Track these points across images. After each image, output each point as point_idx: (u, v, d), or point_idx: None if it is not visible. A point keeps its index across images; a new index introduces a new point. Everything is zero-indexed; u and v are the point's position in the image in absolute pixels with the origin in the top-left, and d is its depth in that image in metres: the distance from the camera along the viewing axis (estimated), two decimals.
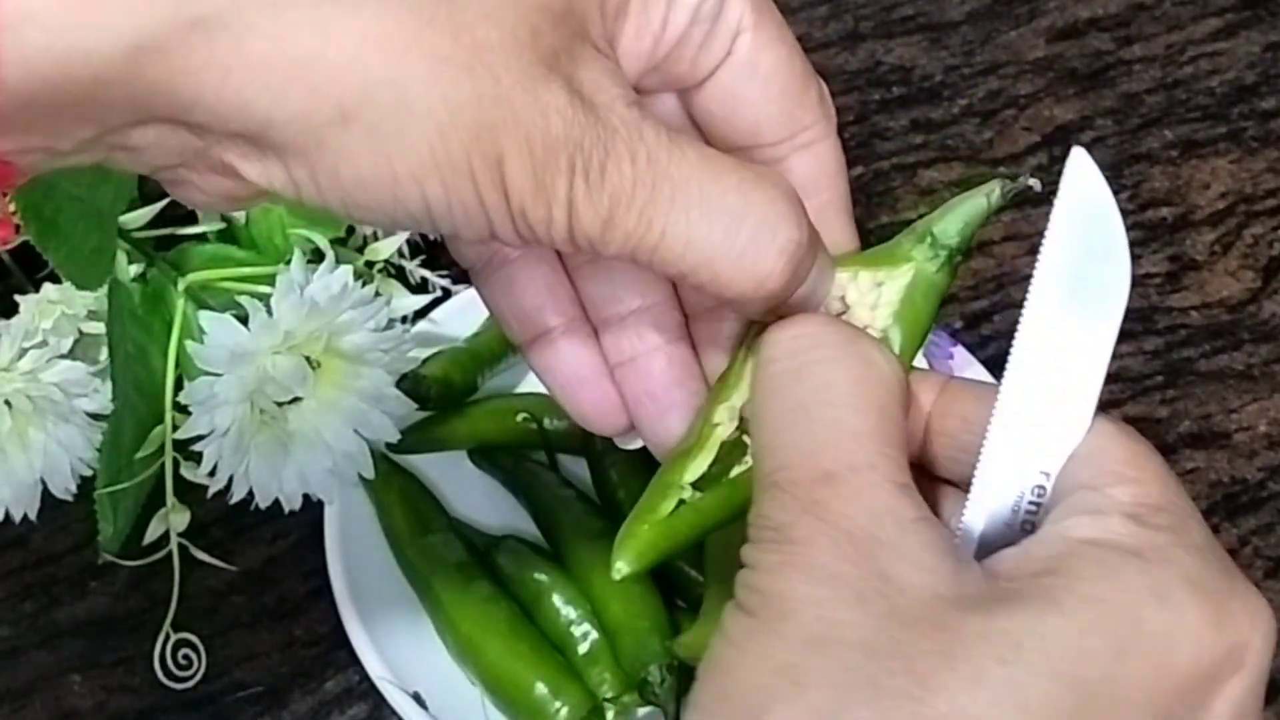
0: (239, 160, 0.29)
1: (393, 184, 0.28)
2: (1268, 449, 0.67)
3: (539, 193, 0.29)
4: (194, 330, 0.52)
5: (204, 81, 0.27)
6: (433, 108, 0.27)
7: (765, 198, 0.31)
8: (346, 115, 0.27)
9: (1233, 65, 0.88)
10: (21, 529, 0.53)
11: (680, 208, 0.30)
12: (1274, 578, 0.62)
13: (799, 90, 0.33)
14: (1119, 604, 0.27)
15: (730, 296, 0.31)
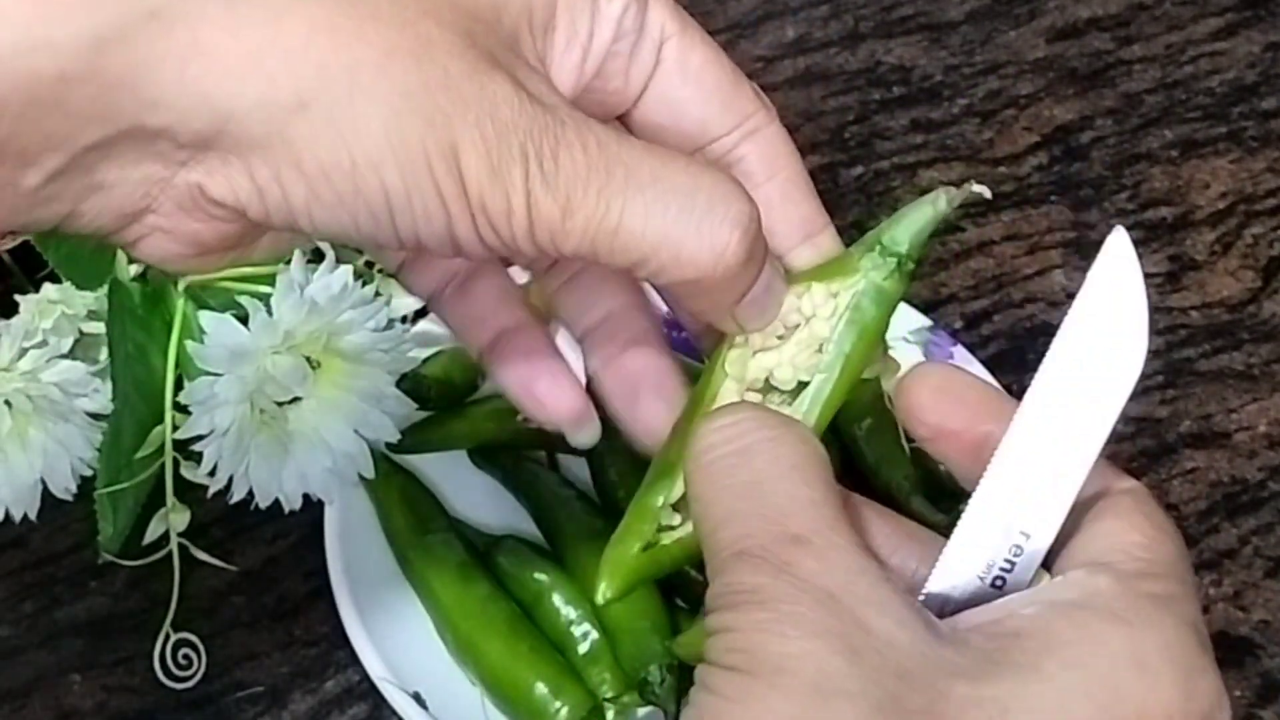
0: (204, 177, 0.29)
1: (352, 172, 0.29)
2: (1268, 449, 0.67)
3: (496, 181, 0.29)
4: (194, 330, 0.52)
5: (164, 74, 0.27)
6: (386, 93, 0.28)
7: (713, 178, 0.32)
8: (304, 101, 0.28)
9: (1233, 65, 0.88)
10: (21, 529, 0.53)
11: (635, 188, 0.30)
12: (1274, 578, 0.62)
13: (732, 83, 0.35)
14: (1100, 671, 0.28)
15: (691, 275, 0.31)
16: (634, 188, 0.30)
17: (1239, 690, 0.58)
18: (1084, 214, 0.78)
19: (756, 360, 0.36)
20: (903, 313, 0.67)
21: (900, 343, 0.66)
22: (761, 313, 0.34)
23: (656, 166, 0.31)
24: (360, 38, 0.28)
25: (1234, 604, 0.61)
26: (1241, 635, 0.60)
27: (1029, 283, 0.74)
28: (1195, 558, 0.63)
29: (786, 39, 0.88)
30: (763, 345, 0.36)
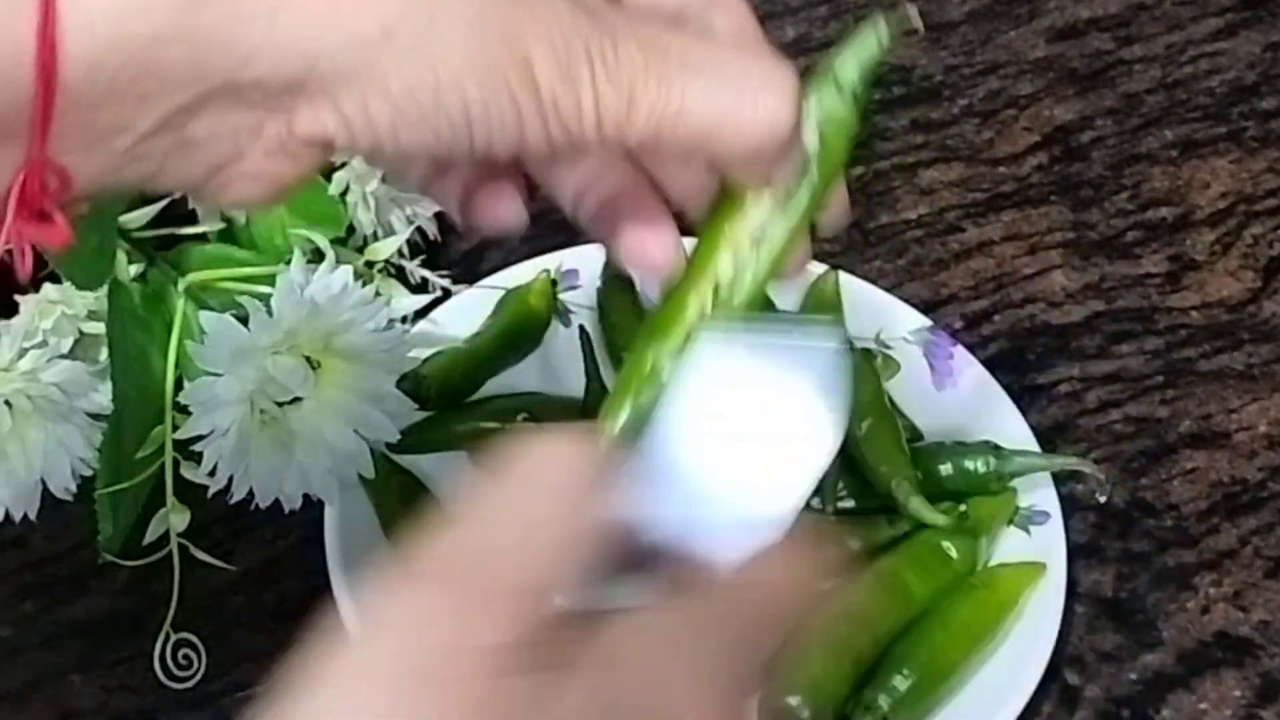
0: (292, 116, 0.30)
1: (436, 91, 0.30)
2: (1268, 449, 0.67)
3: (566, 83, 0.31)
4: (194, 330, 0.52)
5: (255, 27, 0.29)
6: (463, 15, 0.30)
7: (759, 53, 0.35)
8: (389, 31, 0.30)
9: (1233, 65, 0.88)
10: (21, 529, 0.53)
11: (692, 73, 0.33)
12: (1274, 578, 0.62)
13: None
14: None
15: (751, 145, 0.34)
16: (691, 73, 0.33)
17: (1239, 690, 0.58)
18: (1084, 214, 0.78)
19: (747, 222, 0.37)
20: (903, 313, 0.68)
21: (900, 342, 0.66)
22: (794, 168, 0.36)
23: (708, 52, 0.33)
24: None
25: (1234, 604, 0.61)
26: (1241, 635, 0.60)
27: (1029, 283, 0.74)
28: (1195, 558, 0.63)
29: (786, 39, 0.88)
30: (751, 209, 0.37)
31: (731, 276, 0.37)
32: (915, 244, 0.76)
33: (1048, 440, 0.66)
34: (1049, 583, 0.58)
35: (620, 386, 0.37)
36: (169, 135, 0.30)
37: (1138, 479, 0.66)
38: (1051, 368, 0.70)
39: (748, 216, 0.37)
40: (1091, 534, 0.63)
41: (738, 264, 0.37)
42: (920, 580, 0.57)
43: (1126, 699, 0.58)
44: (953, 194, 0.79)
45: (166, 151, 0.30)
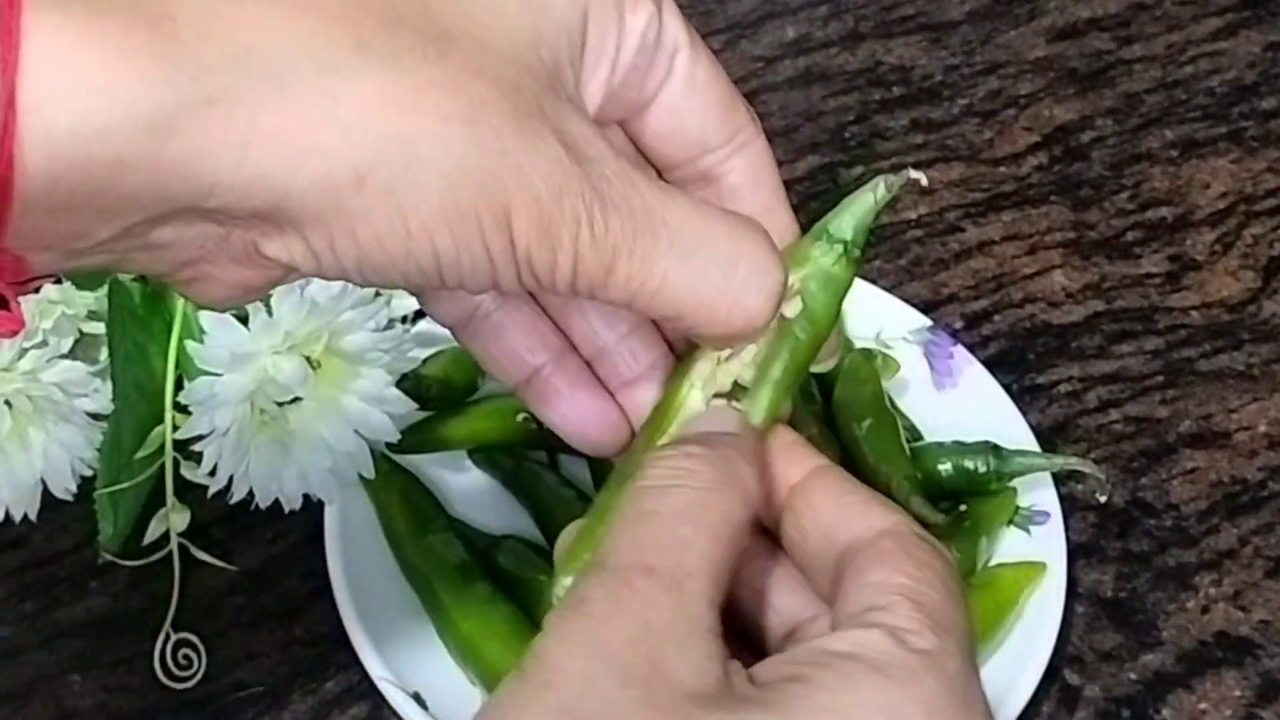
0: (260, 239, 0.30)
1: (406, 239, 0.29)
2: (1268, 449, 0.67)
3: (545, 241, 0.30)
4: (194, 330, 0.52)
5: (222, 158, 0.28)
6: (440, 162, 0.29)
7: (754, 243, 0.33)
8: (361, 176, 0.28)
9: (1233, 65, 0.88)
10: (21, 529, 0.53)
11: (679, 255, 0.32)
12: (1274, 578, 0.62)
13: (729, 97, 0.35)
14: (847, 716, 0.29)
15: (723, 334, 0.33)
16: (678, 254, 0.32)
17: (1239, 690, 0.58)
18: (1084, 214, 0.78)
19: (723, 368, 0.36)
20: (903, 313, 0.68)
21: (900, 342, 0.66)
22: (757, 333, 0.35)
23: (700, 230, 0.32)
24: (416, 107, 0.29)
25: (1234, 604, 0.61)
26: (1241, 635, 0.60)
27: (1029, 283, 0.74)
28: (1195, 558, 0.63)
29: (786, 39, 0.88)
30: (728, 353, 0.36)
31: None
32: (915, 244, 0.76)
33: (1048, 440, 0.66)
34: (1049, 583, 0.58)
35: (588, 529, 0.36)
36: (130, 240, 0.29)
37: (1138, 479, 0.66)
38: (1051, 368, 0.70)
39: (704, 364, 0.36)
40: (1091, 534, 0.63)
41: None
42: None
43: (1126, 699, 0.58)
44: (953, 194, 0.79)
45: (128, 250, 0.29)
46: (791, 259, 0.36)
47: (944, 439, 0.62)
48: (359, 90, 0.28)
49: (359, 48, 0.28)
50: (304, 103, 0.28)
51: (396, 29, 0.29)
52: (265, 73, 0.28)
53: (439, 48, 0.29)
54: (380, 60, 0.29)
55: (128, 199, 0.28)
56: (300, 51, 0.28)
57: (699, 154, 0.35)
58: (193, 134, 0.27)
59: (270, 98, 0.28)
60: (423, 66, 0.29)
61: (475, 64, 0.30)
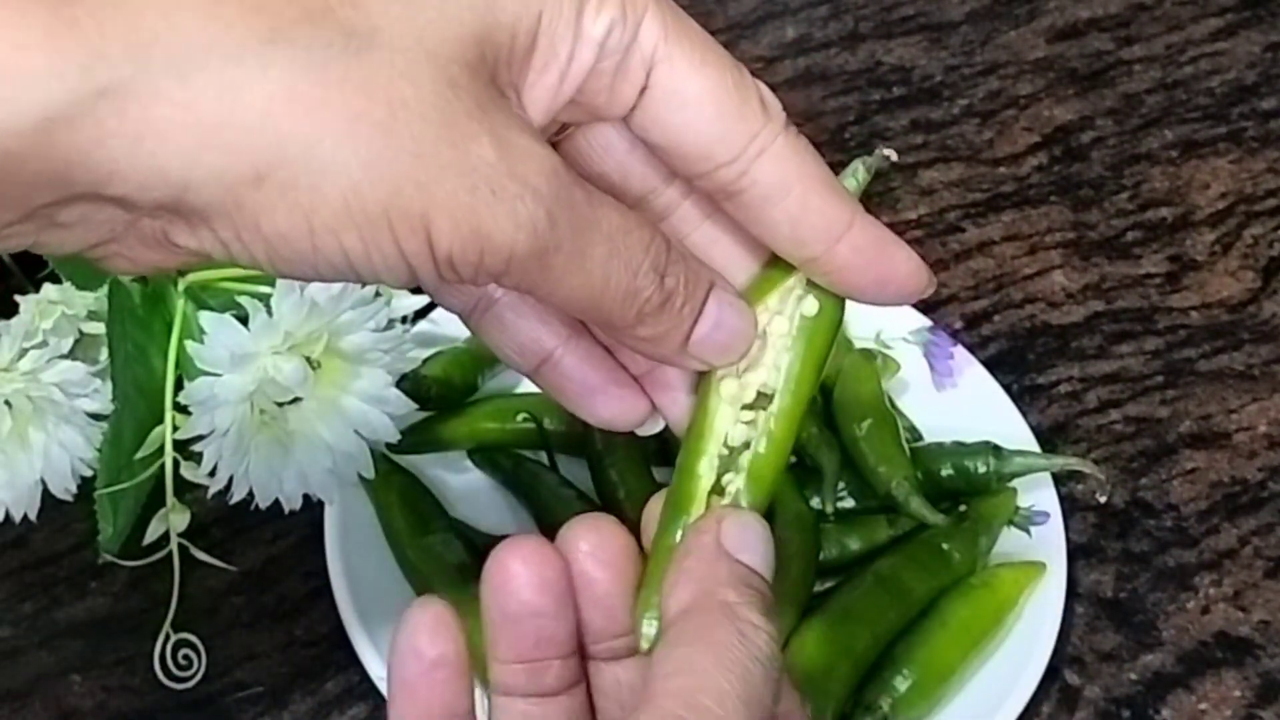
0: (169, 227, 0.29)
1: (310, 235, 0.29)
2: (1268, 449, 0.67)
3: (472, 241, 0.29)
4: (194, 330, 0.52)
5: (116, 149, 0.27)
6: (345, 163, 0.28)
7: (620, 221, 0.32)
8: (260, 174, 0.28)
9: (1233, 65, 0.88)
10: (21, 529, 0.53)
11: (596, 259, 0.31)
12: (1274, 578, 0.62)
13: (737, 105, 0.33)
14: None
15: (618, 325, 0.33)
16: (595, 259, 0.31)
17: (1239, 690, 0.58)
18: (1084, 214, 0.78)
19: (745, 379, 0.36)
20: (903, 313, 0.68)
21: (900, 342, 0.66)
22: (722, 350, 0.35)
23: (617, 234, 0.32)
24: (324, 105, 0.28)
25: (1234, 604, 0.61)
26: (1241, 635, 0.60)
27: (1029, 283, 0.74)
28: (1195, 558, 0.63)
29: (786, 39, 0.88)
30: (749, 363, 0.36)
31: (748, 439, 0.36)
32: (915, 244, 0.75)
33: (1048, 440, 0.66)
34: (1049, 583, 0.58)
35: (649, 576, 0.35)
36: (37, 221, 0.29)
37: (1138, 479, 0.66)
38: (1051, 368, 0.70)
39: (729, 378, 0.36)
40: (1091, 534, 0.63)
41: (751, 420, 0.36)
42: (920, 580, 0.57)
43: (1126, 699, 0.58)
44: (953, 194, 0.79)
45: (38, 230, 0.29)
46: (783, 264, 0.36)
47: (944, 439, 0.62)
48: (264, 85, 0.27)
49: (272, 39, 0.28)
50: (205, 96, 0.27)
51: (320, 20, 0.28)
52: (167, 63, 0.27)
53: (363, 42, 0.28)
54: (292, 54, 0.28)
55: (24, 186, 0.27)
56: (209, 41, 0.27)
57: (708, 169, 0.34)
58: (85, 126, 0.27)
59: (170, 90, 0.27)
60: (338, 63, 0.28)
61: (402, 62, 0.29)
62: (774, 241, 0.34)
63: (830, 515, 0.59)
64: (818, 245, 0.34)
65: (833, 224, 0.34)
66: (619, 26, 0.32)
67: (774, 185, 0.33)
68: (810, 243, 0.34)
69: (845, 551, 0.59)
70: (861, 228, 0.34)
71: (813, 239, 0.34)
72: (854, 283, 0.34)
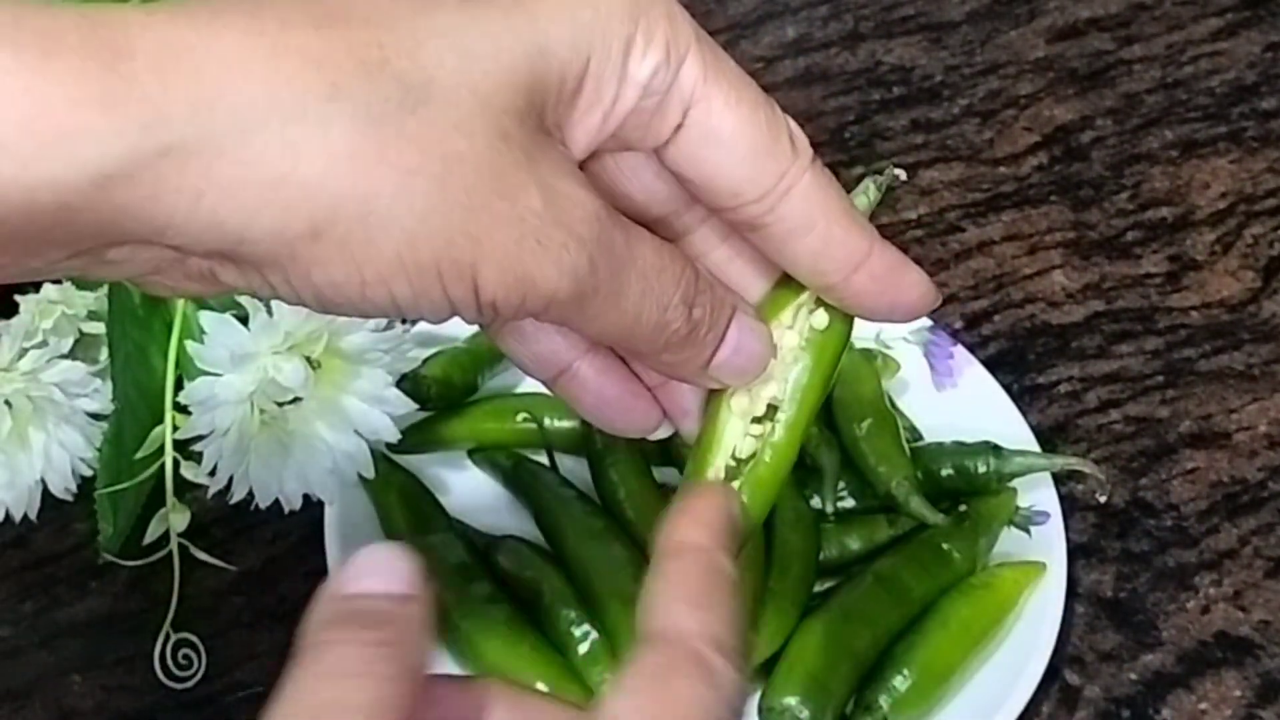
0: (217, 268, 0.30)
1: (362, 286, 0.29)
2: (1268, 449, 0.67)
3: (516, 287, 0.30)
4: (194, 330, 0.52)
5: (176, 206, 0.27)
6: (400, 218, 0.29)
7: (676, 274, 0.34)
8: (317, 230, 0.28)
9: (1233, 65, 0.88)
10: (21, 529, 0.53)
11: (651, 298, 0.33)
12: (1274, 578, 0.62)
13: (768, 145, 0.34)
14: None
15: (645, 352, 0.34)
16: (650, 298, 0.33)
17: (1239, 690, 0.58)
18: (1084, 214, 0.78)
19: (755, 392, 0.37)
20: None
21: (900, 342, 0.66)
22: (739, 373, 0.36)
23: (650, 276, 0.33)
24: (381, 161, 0.28)
25: (1234, 604, 0.61)
26: (1241, 635, 0.60)
27: (1029, 283, 0.74)
28: (1195, 558, 0.63)
29: (786, 39, 0.88)
30: (762, 378, 0.37)
31: (755, 450, 0.37)
32: (915, 244, 0.76)
33: (1048, 440, 0.66)
34: (1049, 583, 0.58)
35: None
36: (86, 259, 0.29)
37: (1138, 479, 0.66)
38: (1051, 368, 0.70)
39: (753, 391, 0.37)
40: (1091, 534, 0.63)
41: (760, 434, 0.37)
42: (920, 580, 0.57)
43: (1126, 699, 0.58)
44: (953, 194, 0.79)
45: (85, 265, 0.30)
46: (793, 281, 0.36)
47: (944, 439, 0.62)
48: (324, 144, 0.28)
49: (332, 96, 0.28)
50: (266, 155, 0.28)
51: (378, 75, 0.29)
52: (230, 123, 0.27)
53: (420, 96, 0.29)
54: (352, 111, 0.28)
55: (77, 235, 0.28)
56: (270, 100, 0.28)
57: (735, 205, 0.34)
58: (144, 183, 0.27)
59: (233, 149, 0.27)
60: (395, 118, 0.29)
61: (455, 116, 0.29)
62: (794, 270, 0.35)
63: (830, 515, 0.59)
64: (837, 275, 0.35)
65: (852, 254, 0.35)
66: (663, 69, 0.32)
67: (798, 221, 0.34)
68: (830, 273, 0.35)
69: (845, 551, 0.59)
70: (879, 256, 0.35)
71: (832, 270, 0.35)
72: (868, 307, 0.35)
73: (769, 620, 0.54)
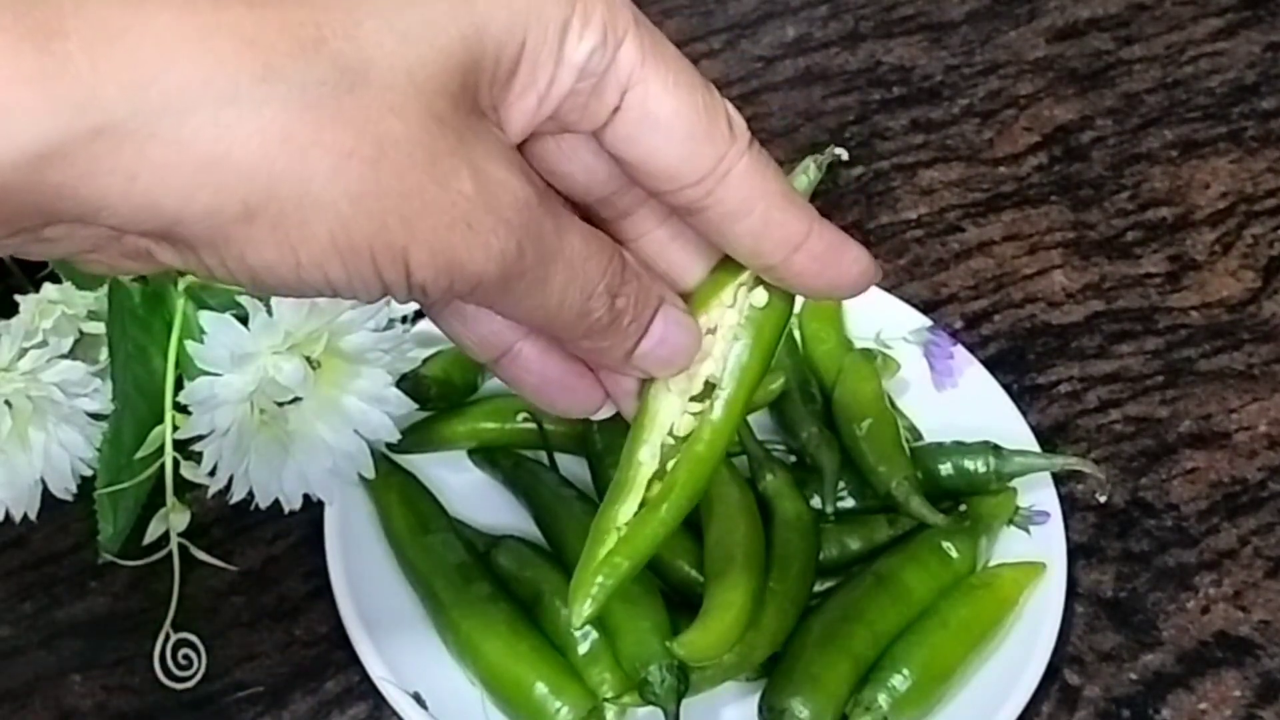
0: (153, 247, 0.30)
1: (296, 268, 0.30)
2: (1268, 449, 0.67)
3: (445, 270, 0.31)
4: (194, 330, 0.52)
5: (110, 186, 0.28)
6: (335, 200, 0.29)
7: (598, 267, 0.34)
8: (251, 211, 0.28)
9: (1233, 65, 0.88)
10: (21, 529, 0.53)
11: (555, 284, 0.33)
12: (1274, 578, 0.62)
13: (705, 128, 0.33)
14: None
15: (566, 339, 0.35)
16: (575, 284, 0.33)
17: (1239, 690, 0.58)
18: (1084, 214, 0.78)
19: (694, 370, 0.37)
20: (903, 313, 0.68)
21: (900, 342, 0.66)
22: (662, 364, 0.36)
23: (576, 262, 0.33)
24: (316, 144, 0.28)
25: (1234, 604, 0.61)
26: (1241, 635, 0.60)
27: (1029, 283, 0.74)
28: (1195, 558, 0.63)
29: (786, 39, 0.88)
30: (700, 357, 0.37)
31: (694, 427, 0.37)
32: (915, 244, 0.76)
33: (1048, 440, 0.66)
34: (1049, 583, 0.58)
35: (587, 556, 0.37)
36: (22, 237, 0.29)
37: (1138, 479, 0.66)
38: (1051, 368, 0.70)
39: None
40: (1091, 534, 0.63)
41: (699, 412, 0.37)
42: (920, 580, 0.57)
43: (1126, 699, 0.58)
44: (953, 194, 0.79)
45: (22, 243, 0.30)
46: (733, 262, 0.37)
47: (944, 439, 0.62)
48: (258, 126, 0.28)
49: (265, 77, 0.28)
50: (199, 137, 0.28)
51: (313, 55, 0.28)
52: (163, 104, 0.27)
53: (356, 78, 0.29)
54: (285, 93, 0.28)
55: (12, 213, 0.28)
56: (204, 81, 0.28)
57: (674, 188, 0.34)
58: (77, 163, 0.27)
59: (166, 130, 0.27)
60: (331, 100, 0.29)
61: (391, 98, 0.29)
62: (734, 252, 0.35)
63: (830, 515, 0.59)
64: (775, 257, 0.35)
65: (791, 236, 0.35)
66: (600, 51, 0.32)
67: (737, 204, 0.34)
68: (768, 255, 0.35)
69: (845, 551, 0.59)
70: (818, 236, 0.35)
71: (771, 251, 0.35)
72: (809, 286, 0.36)
73: (769, 620, 0.54)
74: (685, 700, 0.52)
